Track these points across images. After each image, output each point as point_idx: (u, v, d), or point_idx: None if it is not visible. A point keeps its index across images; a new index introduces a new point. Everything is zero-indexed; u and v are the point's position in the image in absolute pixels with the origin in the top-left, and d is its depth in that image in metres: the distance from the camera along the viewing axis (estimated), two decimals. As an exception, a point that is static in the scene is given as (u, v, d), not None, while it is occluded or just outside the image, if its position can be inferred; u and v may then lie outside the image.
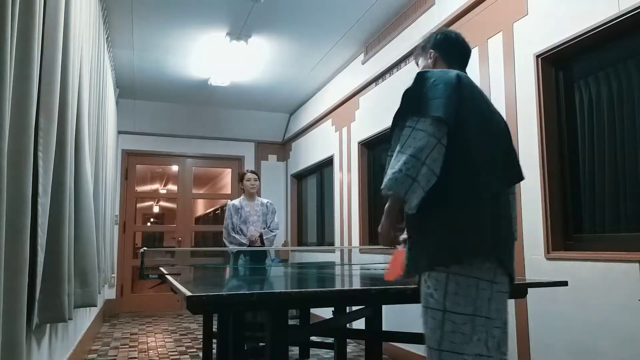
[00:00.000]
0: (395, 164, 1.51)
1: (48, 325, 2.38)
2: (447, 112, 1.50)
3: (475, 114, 1.60)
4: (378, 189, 2.82)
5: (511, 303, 2.83)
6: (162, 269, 3.10)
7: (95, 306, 2.74)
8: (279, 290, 1.68)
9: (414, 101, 1.57)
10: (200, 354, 4.00)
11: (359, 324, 3.44)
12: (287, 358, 1.72)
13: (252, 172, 4.83)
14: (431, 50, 1.85)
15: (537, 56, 2.76)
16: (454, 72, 1.64)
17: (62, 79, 2.03)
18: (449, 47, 1.83)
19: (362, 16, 4.23)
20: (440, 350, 1.48)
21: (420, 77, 1.63)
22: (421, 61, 1.90)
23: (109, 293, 6.40)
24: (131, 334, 5.13)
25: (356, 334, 3.62)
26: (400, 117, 1.59)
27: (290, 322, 1.93)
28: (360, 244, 4.86)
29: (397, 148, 1.53)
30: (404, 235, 1.70)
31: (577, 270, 2.44)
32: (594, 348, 2.33)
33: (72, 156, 2.23)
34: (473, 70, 3.27)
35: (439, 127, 1.49)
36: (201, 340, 4.05)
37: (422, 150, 1.47)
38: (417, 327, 1.69)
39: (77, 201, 2.43)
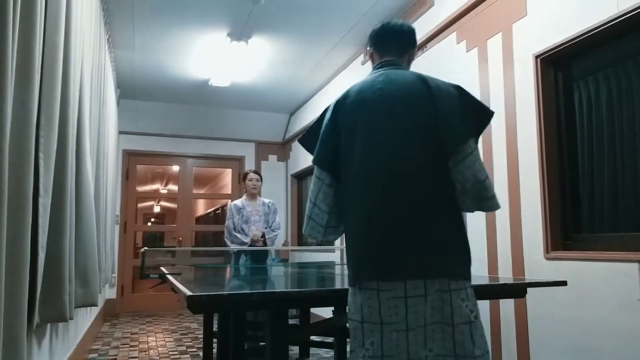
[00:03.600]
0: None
1: (49, 324, 2.39)
2: (316, 156, 1.66)
3: (350, 140, 1.58)
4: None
5: (510, 303, 2.84)
6: (162, 268, 3.10)
7: (96, 306, 2.75)
8: (279, 290, 1.69)
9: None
10: (201, 354, 4.00)
11: (359, 324, 3.44)
12: (287, 358, 1.73)
13: (254, 172, 4.71)
14: (368, 48, 1.84)
15: (537, 57, 2.76)
16: (333, 103, 1.68)
17: (63, 79, 2.04)
18: (377, 39, 1.77)
19: (362, 17, 4.23)
20: None
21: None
22: None
23: (110, 293, 6.41)
24: (132, 334, 5.14)
25: (356, 334, 3.63)
26: None
27: (290, 322, 1.94)
28: (360, 244, 4.85)
29: None
30: None
31: (576, 270, 2.45)
32: (593, 348, 2.34)
33: (73, 156, 2.24)
34: (472, 71, 3.28)
35: (319, 171, 1.66)
36: (201, 339, 4.06)
37: (312, 192, 1.68)
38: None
39: (78, 201, 2.44)
